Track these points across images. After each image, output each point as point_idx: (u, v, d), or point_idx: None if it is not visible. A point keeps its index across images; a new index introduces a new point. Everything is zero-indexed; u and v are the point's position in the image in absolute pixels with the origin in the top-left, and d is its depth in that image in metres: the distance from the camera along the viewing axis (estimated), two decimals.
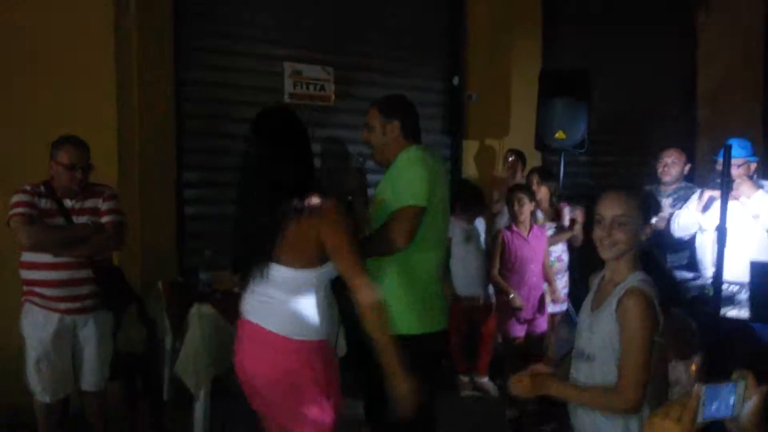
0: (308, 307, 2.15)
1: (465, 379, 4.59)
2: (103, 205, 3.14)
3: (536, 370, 2.04)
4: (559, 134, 4.53)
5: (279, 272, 2.13)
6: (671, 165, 4.32)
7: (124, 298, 3.35)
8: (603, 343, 1.91)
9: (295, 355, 2.13)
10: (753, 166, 3.86)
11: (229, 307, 3.58)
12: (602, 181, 6.21)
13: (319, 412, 2.16)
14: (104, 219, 3.12)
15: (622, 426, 1.88)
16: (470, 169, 5.75)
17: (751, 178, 3.82)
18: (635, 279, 1.92)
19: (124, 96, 4.05)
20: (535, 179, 4.47)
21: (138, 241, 4.13)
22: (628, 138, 6.63)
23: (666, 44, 7.21)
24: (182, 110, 4.48)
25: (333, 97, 5.15)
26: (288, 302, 2.14)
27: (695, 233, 3.99)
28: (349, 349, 3.20)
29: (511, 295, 4.03)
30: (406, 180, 2.44)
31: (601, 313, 1.96)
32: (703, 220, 3.84)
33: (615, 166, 6.49)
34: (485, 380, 4.56)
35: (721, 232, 3.14)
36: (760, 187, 3.78)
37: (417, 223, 2.40)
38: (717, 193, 3.74)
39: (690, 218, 3.93)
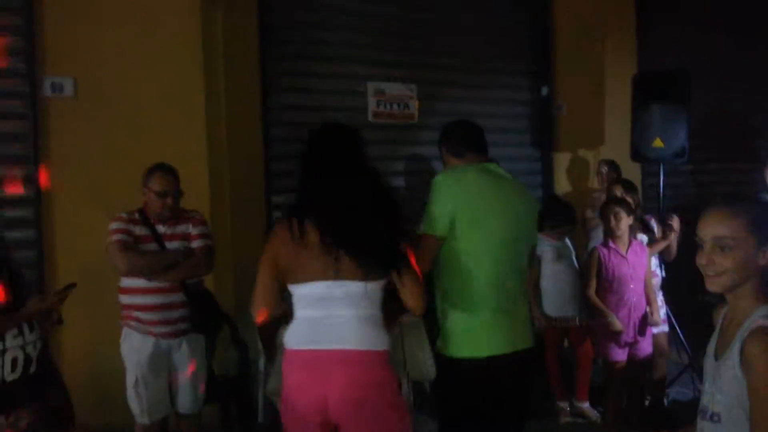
0: (378, 316, 2.24)
1: (563, 404, 4.35)
2: (193, 230, 3.21)
3: None
4: (657, 142, 4.25)
5: (354, 287, 2.17)
6: None
7: (215, 320, 3.40)
8: (730, 401, 1.57)
9: (381, 365, 2.19)
10: None
11: None
12: (706, 191, 5.80)
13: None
14: (194, 244, 3.19)
15: None
16: (562, 183, 5.54)
17: None
18: (761, 315, 1.56)
19: (213, 126, 4.16)
20: (618, 191, 4.22)
21: (230, 264, 4.20)
22: (735, 143, 6.17)
23: None
24: (269, 135, 4.56)
25: (417, 114, 5.10)
26: (360, 315, 2.19)
27: None
28: None
29: (609, 318, 3.79)
30: (426, 208, 2.48)
31: (725, 363, 1.61)
32: None
33: (720, 175, 6.05)
34: (585, 405, 4.31)
35: None
36: None
37: (428, 251, 2.41)
38: None
39: None
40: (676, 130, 4.29)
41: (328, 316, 2.18)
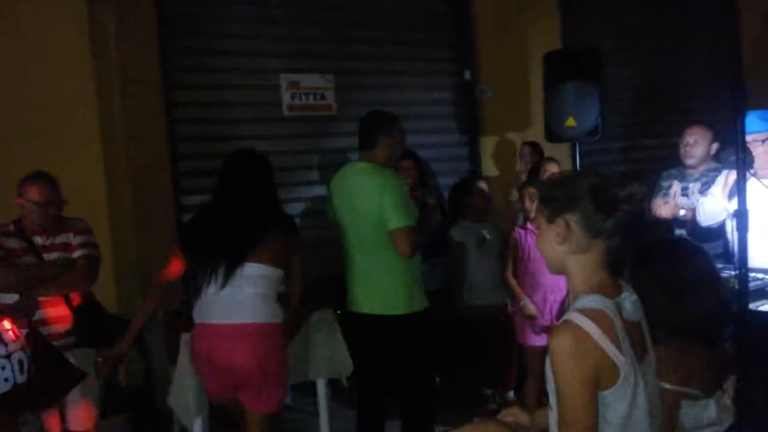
0: (274, 295, 2.83)
1: (488, 392, 4.30)
2: (74, 240, 3.06)
3: (506, 415, 1.77)
4: (570, 121, 4.15)
5: (257, 269, 2.74)
6: (693, 145, 3.88)
7: (108, 331, 3.26)
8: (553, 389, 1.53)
9: (272, 336, 2.79)
10: None
11: None
12: (629, 168, 5.79)
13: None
14: (76, 254, 3.04)
15: None
16: (490, 168, 5.46)
17: None
18: (576, 307, 1.49)
19: (109, 123, 3.99)
20: (553, 168, 4.16)
21: (137, 271, 4.06)
22: (661, 120, 6.18)
23: (700, 13, 6.70)
24: (176, 133, 4.40)
25: (335, 105, 4.97)
26: (263, 294, 2.77)
27: (724, 220, 3.55)
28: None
29: (522, 302, 3.73)
30: None
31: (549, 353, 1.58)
32: (730, 206, 3.41)
33: (639, 152, 6.06)
34: (510, 395, 4.26)
35: (741, 216, 2.75)
36: None
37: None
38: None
39: (716, 205, 3.51)
40: (589, 108, 4.19)
41: (232, 293, 2.78)
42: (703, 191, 3.91)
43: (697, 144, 3.87)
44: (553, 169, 4.21)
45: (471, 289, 4.26)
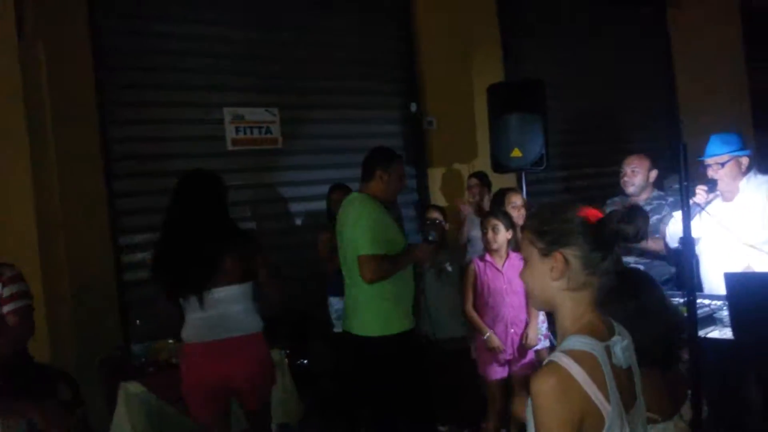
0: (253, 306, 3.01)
1: (444, 429, 4.20)
2: (4, 291, 2.83)
3: None
4: (515, 152, 4.21)
5: (230, 291, 2.90)
6: (632, 174, 3.94)
7: (39, 386, 3.03)
8: None
9: (261, 343, 3.02)
10: (744, 161, 3.42)
11: (165, 382, 3.29)
12: (578, 196, 5.89)
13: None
14: (6, 308, 2.81)
15: None
16: (438, 199, 5.43)
17: (745, 173, 3.42)
18: (563, 348, 1.40)
19: (41, 160, 3.80)
20: (518, 200, 4.16)
21: (72, 317, 3.84)
22: (602, 150, 6.36)
23: (637, 46, 6.99)
24: (112, 171, 4.22)
25: (281, 139, 4.89)
26: (245, 308, 2.96)
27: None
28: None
29: (486, 335, 3.68)
30: None
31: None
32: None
33: (576, 180, 6.20)
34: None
35: (687, 243, 2.77)
36: (765, 182, 3.38)
37: None
38: (701, 198, 3.38)
39: (679, 227, 3.55)
40: (533, 139, 4.27)
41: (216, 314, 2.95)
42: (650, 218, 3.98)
43: (635, 173, 3.93)
44: (516, 199, 4.20)
45: (429, 320, 4.19)
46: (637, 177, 3.91)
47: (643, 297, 1.88)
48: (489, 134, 4.46)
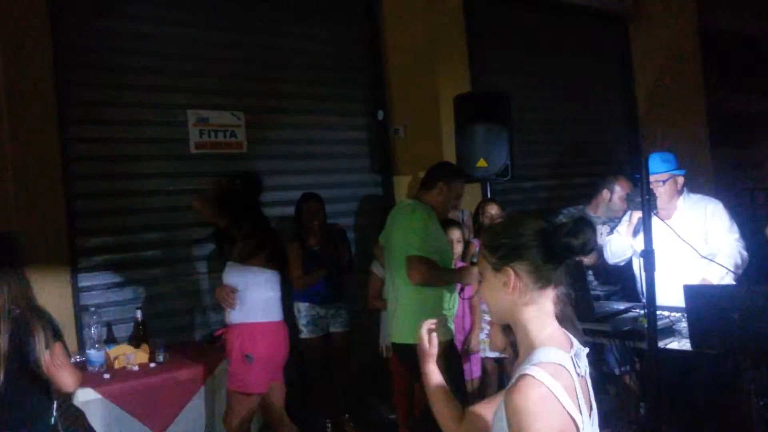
0: None
1: None
2: None
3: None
4: (481, 162, 4.24)
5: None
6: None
7: None
8: None
9: None
10: (680, 180, 3.54)
11: (122, 389, 3.21)
12: (542, 207, 5.97)
13: None
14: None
15: None
16: None
17: (680, 193, 3.52)
18: (532, 362, 1.36)
19: None
20: (493, 210, 4.19)
21: None
22: (564, 162, 6.46)
23: (599, 60, 7.13)
24: (70, 172, 4.10)
25: (245, 143, 4.83)
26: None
27: (631, 258, 3.68)
28: None
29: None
30: None
31: (496, 414, 1.44)
32: (636, 244, 3.53)
33: (540, 191, 6.29)
34: None
35: (647, 256, 2.83)
36: (701, 202, 3.49)
37: None
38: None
39: (622, 243, 3.63)
40: (499, 150, 4.30)
41: None
42: (612, 233, 4.05)
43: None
44: (492, 210, 4.21)
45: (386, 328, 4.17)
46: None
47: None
48: (455, 144, 4.48)
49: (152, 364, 3.56)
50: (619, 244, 3.65)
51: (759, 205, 8.94)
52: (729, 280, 3.34)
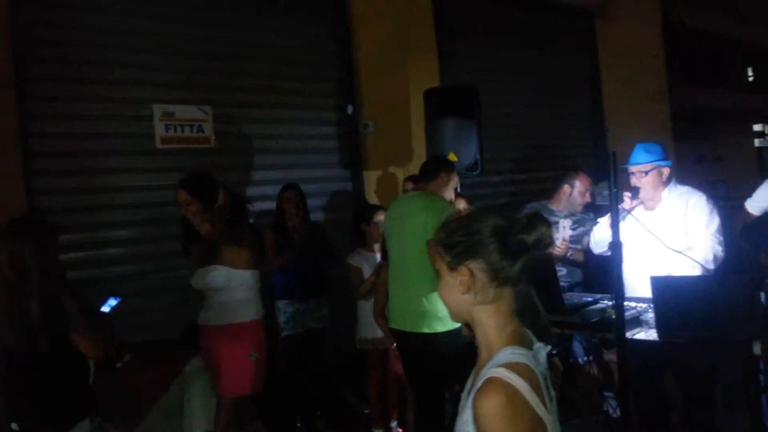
0: None
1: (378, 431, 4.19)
2: None
3: None
4: (451, 156, 4.24)
5: None
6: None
7: None
8: None
9: None
10: (666, 171, 3.52)
11: None
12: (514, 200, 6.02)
13: None
14: None
15: None
16: (374, 202, 5.40)
17: (666, 184, 3.54)
18: (498, 361, 1.34)
19: None
20: (461, 204, 4.16)
21: None
22: (532, 156, 6.52)
23: (567, 55, 7.20)
24: (31, 167, 3.99)
25: (213, 138, 4.75)
26: None
27: None
28: None
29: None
30: None
31: (461, 417, 1.39)
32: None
33: (509, 186, 6.35)
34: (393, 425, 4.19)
35: (616, 247, 2.86)
36: (686, 194, 3.50)
37: None
38: (627, 204, 3.46)
39: (604, 233, 3.64)
40: (469, 144, 4.32)
41: None
42: (574, 228, 4.10)
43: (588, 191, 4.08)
44: (460, 205, 4.19)
45: (364, 322, 4.17)
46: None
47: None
48: (425, 138, 4.48)
49: (118, 365, 3.48)
50: (601, 234, 3.67)
51: (720, 197, 9.17)
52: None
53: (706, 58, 10.46)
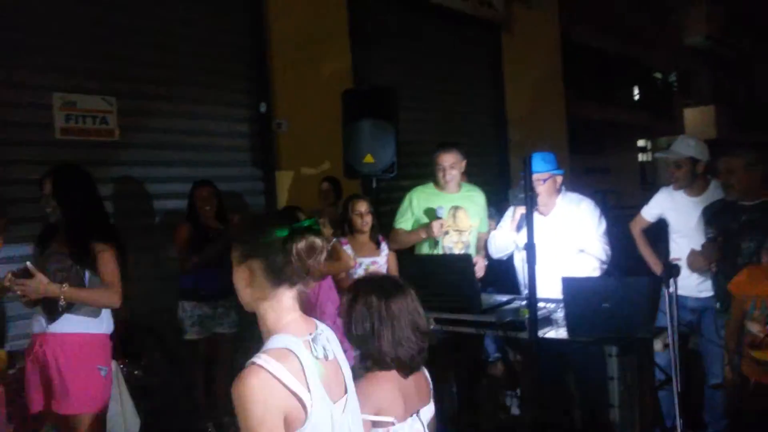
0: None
1: None
2: None
3: None
4: (368, 158, 4.26)
5: None
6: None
7: None
8: None
9: None
10: (559, 179, 3.73)
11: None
12: None
13: None
14: None
15: None
16: (286, 203, 5.34)
17: (559, 191, 3.72)
18: (264, 348, 1.46)
19: None
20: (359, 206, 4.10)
21: None
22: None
23: (475, 64, 7.44)
24: None
25: (117, 131, 4.51)
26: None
27: (513, 252, 3.86)
28: None
29: None
30: None
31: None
32: (518, 239, 3.70)
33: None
34: None
35: (530, 249, 2.98)
36: (576, 200, 3.70)
37: None
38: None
39: (505, 237, 3.78)
40: (385, 146, 4.34)
41: None
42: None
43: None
44: (361, 208, 4.15)
45: None
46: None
47: (393, 303, 1.95)
48: (342, 139, 4.47)
49: (11, 371, 3.23)
50: (503, 239, 3.79)
51: (609, 207, 9.80)
52: (595, 274, 3.60)
53: (598, 75, 11.15)
